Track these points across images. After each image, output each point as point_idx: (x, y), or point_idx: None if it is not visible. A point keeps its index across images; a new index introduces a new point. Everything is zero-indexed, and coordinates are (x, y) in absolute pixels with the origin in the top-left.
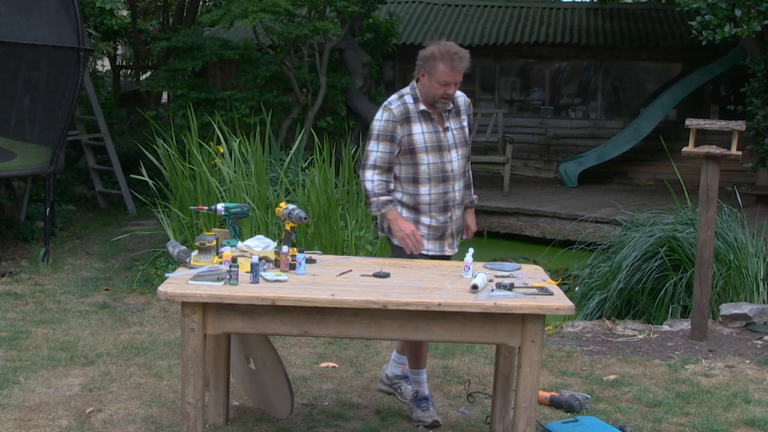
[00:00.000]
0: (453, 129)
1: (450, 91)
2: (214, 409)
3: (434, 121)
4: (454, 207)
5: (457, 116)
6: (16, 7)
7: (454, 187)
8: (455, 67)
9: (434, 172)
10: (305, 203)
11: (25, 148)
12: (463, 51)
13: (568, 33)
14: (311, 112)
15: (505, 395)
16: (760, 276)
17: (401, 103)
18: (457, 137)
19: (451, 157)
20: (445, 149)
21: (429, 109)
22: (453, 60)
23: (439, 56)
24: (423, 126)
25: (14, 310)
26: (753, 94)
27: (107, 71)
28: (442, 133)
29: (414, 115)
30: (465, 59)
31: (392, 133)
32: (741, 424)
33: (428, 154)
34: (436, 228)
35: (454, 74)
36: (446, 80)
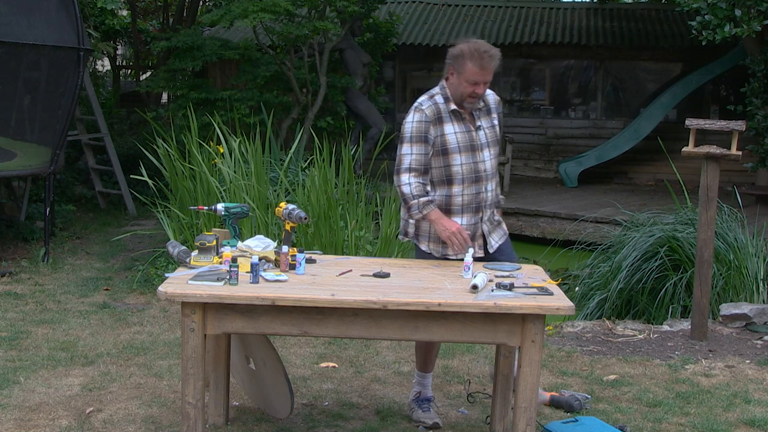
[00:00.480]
0: (485, 128)
1: (479, 90)
2: (214, 409)
3: (466, 121)
4: (486, 207)
5: (488, 115)
6: (16, 7)
7: (487, 187)
8: (484, 66)
9: (467, 173)
10: (305, 203)
11: (25, 148)
12: (493, 50)
13: (568, 33)
14: (311, 112)
15: (505, 395)
16: (760, 276)
17: (432, 103)
18: (489, 136)
19: (484, 156)
20: (478, 149)
21: (460, 108)
22: (482, 59)
23: (468, 55)
24: (455, 126)
25: (14, 310)
26: (753, 94)
27: (107, 71)
28: (474, 132)
29: (445, 115)
30: (495, 58)
31: (426, 133)
32: (741, 424)
33: (461, 154)
34: (468, 229)
35: (483, 73)
36: (475, 79)
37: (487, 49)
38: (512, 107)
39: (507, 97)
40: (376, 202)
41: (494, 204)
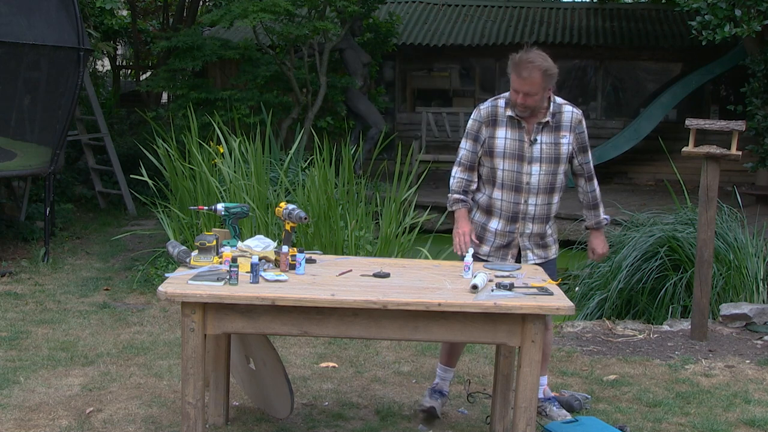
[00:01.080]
0: (543, 143)
1: (520, 99)
2: (214, 409)
3: (522, 130)
4: (526, 220)
5: (556, 131)
6: (16, 7)
7: (528, 200)
8: (521, 75)
9: (507, 180)
10: (305, 203)
11: (25, 148)
12: (540, 61)
13: (568, 33)
14: (311, 112)
15: (505, 395)
16: (760, 276)
17: (492, 105)
18: (545, 152)
19: (532, 169)
20: (526, 160)
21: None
22: (519, 68)
23: (511, 64)
24: (508, 131)
25: (14, 310)
26: (753, 94)
27: (107, 71)
28: (527, 143)
29: (502, 119)
30: (537, 70)
31: (477, 132)
32: (741, 424)
33: (505, 159)
34: (503, 235)
35: (520, 82)
36: (515, 88)
37: (530, 58)
38: None
39: None
40: (376, 202)
41: (544, 219)
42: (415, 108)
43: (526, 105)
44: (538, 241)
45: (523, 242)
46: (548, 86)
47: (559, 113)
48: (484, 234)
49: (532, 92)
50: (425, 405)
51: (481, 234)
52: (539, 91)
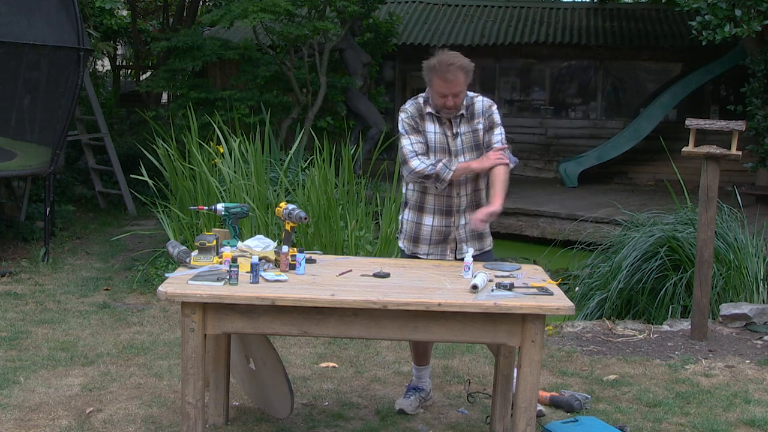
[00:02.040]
0: (462, 133)
1: (448, 102)
2: (214, 409)
3: (444, 125)
4: (460, 212)
5: (471, 120)
6: (16, 7)
7: (459, 192)
8: (448, 79)
9: None
10: (305, 203)
11: (25, 148)
12: (459, 61)
13: (568, 33)
14: (311, 112)
15: (505, 395)
16: (760, 276)
17: (414, 102)
18: (466, 142)
19: (459, 162)
20: (453, 153)
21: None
22: (446, 72)
23: (433, 68)
24: (434, 126)
25: (14, 310)
26: (753, 94)
27: (107, 71)
28: (451, 137)
29: (425, 115)
30: (460, 70)
31: (415, 124)
32: (741, 424)
33: (436, 154)
34: (439, 231)
35: (448, 86)
36: (442, 92)
37: (453, 61)
38: (512, 107)
39: (507, 97)
40: (376, 202)
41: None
42: None
43: (455, 105)
44: (474, 232)
45: (459, 235)
46: (468, 81)
47: (472, 104)
48: (419, 232)
49: (459, 92)
50: (396, 407)
51: (416, 233)
52: (463, 89)
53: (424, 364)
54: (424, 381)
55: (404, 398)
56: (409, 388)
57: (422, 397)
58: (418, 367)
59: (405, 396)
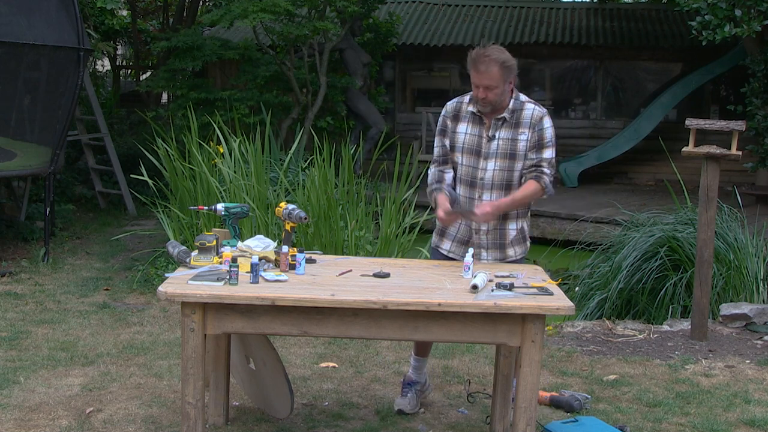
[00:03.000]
0: (501, 139)
1: (481, 94)
2: (214, 409)
3: (483, 126)
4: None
5: (515, 128)
6: (16, 7)
7: (482, 196)
8: (480, 70)
9: (465, 175)
10: (305, 203)
11: (25, 148)
12: (496, 54)
13: (568, 33)
14: (311, 112)
15: (505, 395)
16: (760, 276)
17: (458, 101)
18: (502, 147)
19: (487, 165)
20: (482, 156)
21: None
22: (477, 62)
23: (469, 60)
24: (469, 126)
25: (14, 310)
26: (753, 94)
27: (107, 71)
28: (486, 139)
29: (464, 114)
30: (494, 63)
31: (443, 127)
32: (741, 424)
33: (464, 155)
34: (464, 231)
35: (479, 77)
36: (475, 82)
37: (489, 53)
38: None
39: None
40: (376, 202)
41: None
42: (415, 108)
43: (487, 99)
44: (495, 239)
45: (479, 239)
46: (508, 79)
47: (520, 110)
48: (446, 229)
49: (492, 85)
50: (394, 408)
51: (444, 229)
52: (499, 84)
53: (423, 356)
54: (421, 373)
55: (401, 398)
56: (405, 384)
57: (419, 390)
58: (418, 357)
59: (402, 395)
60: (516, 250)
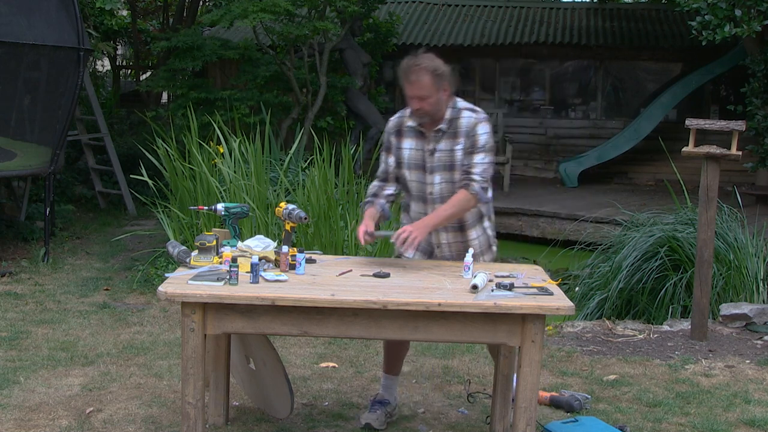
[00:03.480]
0: (441, 150)
1: (416, 105)
2: (214, 409)
3: (425, 140)
4: (439, 230)
5: (453, 138)
6: (16, 7)
7: (435, 209)
8: (410, 80)
9: (415, 191)
10: (305, 203)
11: (25, 148)
12: (427, 63)
13: (568, 33)
14: (311, 112)
15: (505, 395)
16: (760, 276)
17: (400, 116)
18: (442, 160)
19: (433, 179)
20: (427, 170)
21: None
22: (407, 73)
23: (400, 72)
24: (412, 142)
25: (14, 310)
26: (753, 94)
27: (107, 71)
28: (428, 153)
29: (406, 129)
30: (425, 72)
31: (388, 144)
32: (741, 424)
33: (411, 171)
34: (424, 244)
35: (411, 88)
36: (408, 94)
37: (419, 62)
38: (512, 107)
39: (507, 97)
40: None
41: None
42: None
43: (423, 110)
44: (460, 251)
45: (442, 253)
46: (441, 87)
47: (457, 119)
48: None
49: (425, 95)
50: (361, 421)
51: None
52: (432, 93)
53: (394, 374)
54: (391, 393)
55: (370, 412)
56: (374, 402)
57: (388, 412)
58: (388, 375)
59: (370, 410)
60: (484, 258)
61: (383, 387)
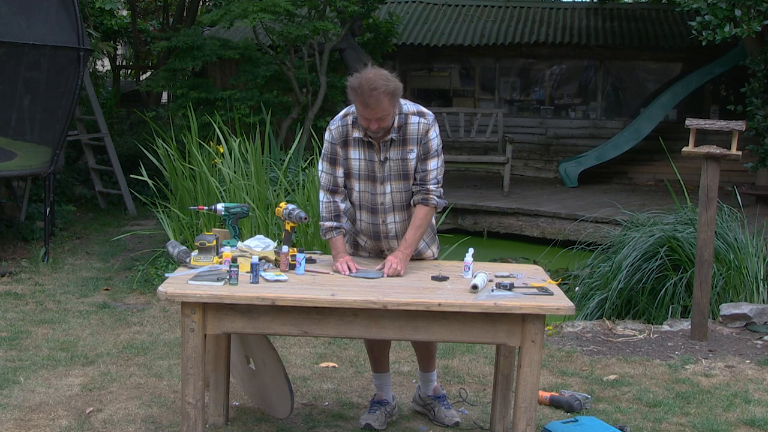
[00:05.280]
0: (391, 160)
1: (372, 126)
2: (214, 409)
3: (374, 149)
4: (389, 239)
5: (403, 146)
6: (16, 7)
7: (386, 219)
8: (369, 105)
9: (365, 202)
10: (305, 203)
11: (25, 148)
12: (383, 85)
13: (568, 33)
14: (311, 112)
15: (505, 395)
16: (760, 276)
17: (342, 125)
18: (395, 169)
19: (384, 189)
20: (378, 180)
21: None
22: (364, 97)
23: (354, 90)
24: (360, 152)
25: (14, 310)
26: (753, 94)
27: (107, 71)
28: (378, 163)
29: (352, 139)
30: (384, 95)
31: (333, 155)
32: (741, 424)
33: (360, 181)
34: (374, 251)
35: (369, 112)
36: (365, 116)
37: (376, 85)
38: (512, 107)
39: (507, 97)
40: None
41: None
42: None
43: (381, 128)
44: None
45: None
46: (396, 102)
47: (405, 125)
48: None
49: (384, 116)
50: (361, 422)
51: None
52: (390, 113)
53: (384, 371)
54: (387, 391)
55: (369, 413)
56: (373, 403)
57: (388, 412)
58: (377, 375)
59: (370, 411)
60: (433, 250)
61: (377, 387)
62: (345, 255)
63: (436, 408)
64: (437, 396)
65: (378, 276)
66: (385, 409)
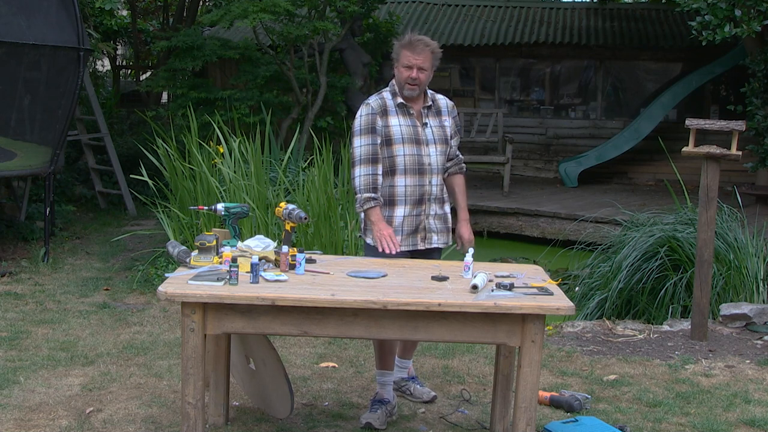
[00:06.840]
0: (432, 126)
1: (413, 74)
2: (214, 409)
3: (413, 116)
4: (431, 201)
5: (438, 115)
6: (16, 7)
7: (431, 180)
8: (415, 50)
9: (410, 164)
10: (305, 203)
11: (25, 148)
12: (429, 41)
13: (568, 33)
14: (311, 112)
15: (505, 395)
16: (760, 276)
17: (379, 97)
18: (436, 133)
19: (429, 151)
20: (423, 143)
21: (406, 102)
22: (413, 44)
23: (402, 44)
24: (401, 119)
25: (14, 310)
26: (753, 94)
27: (107, 71)
28: (420, 127)
29: (392, 109)
30: (428, 47)
31: (373, 124)
32: (741, 424)
33: (404, 145)
34: (410, 220)
35: (414, 57)
36: (408, 63)
37: (421, 38)
38: (512, 107)
39: (507, 97)
40: None
41: (442, 200)
42: None
43: (419, 80)
44: (441, 223)
45: (430, 224)
46: (435, 66)
47: (435, 100)
48: (391, 225)
49: (425, 67)
50: (362, 421)
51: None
52: (429, 68)
53: (389, 369)
54: (388, 391)
55: (370, 412)
56: (374, 402)
57: (388, 411)
58: (382, 372)
59: (371, 410)
60: (451, 235)
61: (380, 384)
62: (387, 226)
63: (411, 387)
64: (411, 377)
65: (378, 276)
66: (386, 408)
